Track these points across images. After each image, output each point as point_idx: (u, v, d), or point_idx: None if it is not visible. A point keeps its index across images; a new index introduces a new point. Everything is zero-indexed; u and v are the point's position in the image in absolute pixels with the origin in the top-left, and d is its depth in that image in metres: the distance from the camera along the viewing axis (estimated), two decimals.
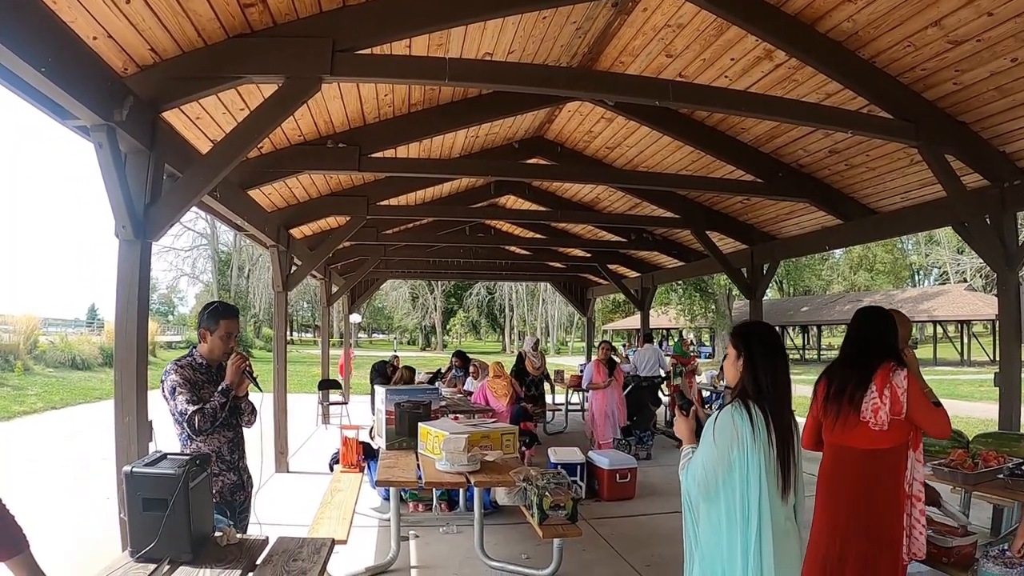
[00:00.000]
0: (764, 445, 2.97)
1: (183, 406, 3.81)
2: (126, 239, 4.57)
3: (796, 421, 3.11)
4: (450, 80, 5.08)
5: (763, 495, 2.95)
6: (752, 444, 2.97)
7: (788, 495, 3.01)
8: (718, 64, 6.83)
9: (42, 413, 17.38)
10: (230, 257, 61.18)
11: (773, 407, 3.03)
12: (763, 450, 2.97)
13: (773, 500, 2.97)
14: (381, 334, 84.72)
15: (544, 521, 5.35)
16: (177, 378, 3.88)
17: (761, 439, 2.97)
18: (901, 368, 3.60)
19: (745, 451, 2.98)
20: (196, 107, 5.79)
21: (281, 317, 10.74)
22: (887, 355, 3.67)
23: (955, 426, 7.94)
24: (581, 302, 22.85)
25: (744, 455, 2.98)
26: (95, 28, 4.14)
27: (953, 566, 4.45)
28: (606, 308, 63.25)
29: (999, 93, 5.96)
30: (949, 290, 43.94)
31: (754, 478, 2.96)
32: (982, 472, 5.14)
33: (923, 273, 68.36)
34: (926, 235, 56.45)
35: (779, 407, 3.04)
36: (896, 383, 3.54)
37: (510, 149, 10.37)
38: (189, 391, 3.86)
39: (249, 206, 8.18)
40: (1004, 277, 6.93)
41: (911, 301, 42.93)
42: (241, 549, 3.37)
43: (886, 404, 3.52)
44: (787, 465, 3.00)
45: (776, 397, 3.04)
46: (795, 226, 10.72)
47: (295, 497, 8.13)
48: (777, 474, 2.99)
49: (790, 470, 3.01)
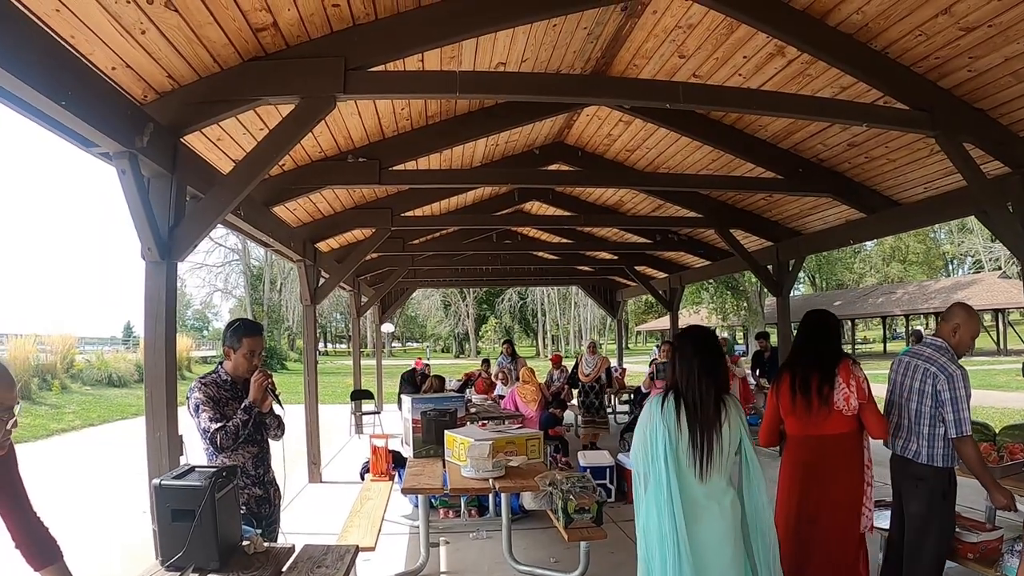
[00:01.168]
0: (673, 430, 3.43)
1: (206, 423, 3.89)
2: (152, 261, 4.65)
3: (732, 413, 3.49)
4: (461, 93, 5.17)
5: (672, 473, 3.36)
6: (661, 427, 3.43)
7: (706, 476, 3.39)
8: (731, 62, 6.83)
9: (80, 430, 17.66)
10: (262, 271, 61.63)
11: (693, 399, 3.45)
12: (672, 434, 3.42)
13: (685, 478, 3.39)
14: (415, 343, 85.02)
15: (569, 524, 5.39)
16: (201, 396, 3.96)
17: (670, 424, 3.43)
18: (857, 363, 4.41)
19: (657, 434, 3.44)
20: (217, 129, 5.91)
21: (310, 330, 10.86)
22: (841, 354, 4.46)
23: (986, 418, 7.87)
24: (611, 304, 22.88)
25: (656, 437, 3.43)
26: (113, 59, 4.26)
27: (978, 562, 4.44)
28: (638, 309, 63.15)
29: (1015, 78, 5.87)
30: (983, 278, 43.19)
31: (661, 456, 3.39)
32: (1008, 465, 5.10)
33: (956, 262, 67.40)
34: (958, 223, 55.61)
35: (700, 399, 3.44)
36: (857, 374, 4.31)
37: (531, 156, 10.40)
38: (212, 409, 3.94)
39: (274, 222, 8.30)
40: None
41: (945, 291, 42.31)
42: (268, 557, 3.47)
43: (853, 392, 4.26)
44: (703, 450, 3.40)
45: (698, 391, 3.45)
46: (819, 221, 10.66)
47: (327, 507, 8.21)
48: (691, 456, 3.40)
49: (706, 455, 3.39)
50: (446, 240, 15.14)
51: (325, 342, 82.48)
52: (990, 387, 21.82)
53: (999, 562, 4.26)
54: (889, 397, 4.66)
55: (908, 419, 4.43)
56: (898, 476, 4.57)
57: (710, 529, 3.38)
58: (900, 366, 4.59)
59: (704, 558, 3.33)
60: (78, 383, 24.91)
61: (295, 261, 10.10)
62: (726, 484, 3.46)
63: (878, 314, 47.70)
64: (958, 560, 4.52)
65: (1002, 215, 6.83)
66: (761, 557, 3.41)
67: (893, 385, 4.63)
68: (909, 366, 4.48)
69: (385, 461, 7.45)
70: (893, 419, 4.56)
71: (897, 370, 4.61)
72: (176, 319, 4.95)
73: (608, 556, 6.36)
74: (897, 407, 4.55)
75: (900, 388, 4.54)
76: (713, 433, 3.42)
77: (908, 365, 4.50)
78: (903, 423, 4.48)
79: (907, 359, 4.54)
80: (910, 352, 4.60)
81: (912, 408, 4.40)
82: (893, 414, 4.57)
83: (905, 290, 47.20)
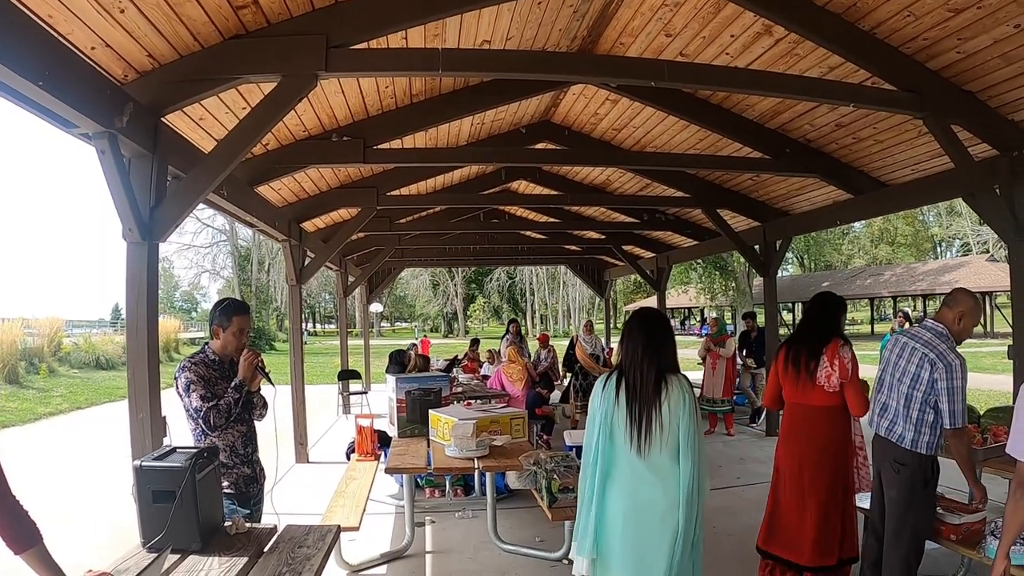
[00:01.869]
0: (611, 407, 3.60)
1: (197, 403, 3.89)
2: (133, 241, 4.64)
3: (673, 393, 3.51)
4: (444, 71, 5.12)
5: (600, 445, 3.57)
6: (600, 404, 3.64)
7: (645, 452, 3.48)
8: (718, 41, 6.78)
9: (68, 414, 17.58)
10: (250, 252, 61.38)
11: (634, 377, 3.58)
12: (609, 411, 3.60)
13: (622, 452, 3.55)
14: (404, 322, 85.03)
15: (553, 504, 5.40)
16: (191, 375, 3.95)
17: (608, 401, 3.61)
18: (848, 344, 4.67)
19: (596, 409, 3.65)
20: (199, 108, 5.86)
21: (296, 310, 10.83)
22: (834, 333, 4.74)
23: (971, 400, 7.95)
24: (599, 284, 22.90)
25: (595, 412, 3.66)
26: (92, 39, 4.20)
27: (961, 543, 4.44)
28: (627, 289, 63.16)
29: (1004, 60, 5.85)
30: (971, 261, 43.33)
31: (595, 430, 3.60)
32: (991, 447, 5.11)
33: (945, 245, 67.67)
34: (947, 206, 55.88)
35: (640, 379, 3.55)
36: (843, 355, 4.58)
37: (517, 134, 10.37)
38: (203, 387, 3.94)
39: (258, 202, 8.26)
40: (1015, 247, 6.81)
41: (932, 273, 42.51)
42: (249, 537, 3.48)
43: (836, 371, 4.55)
44: (640, 426, 3.50)
45: (640, 370, 3.57)
46: (806, 201, 10.66)
47: (313, 487, 8.21)
48: (629, 432, 3.52)
49: (644, 431, 3.49)
50: (433, 219, 15.14)
51: (314, 322, 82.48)
52: (976, 369, 21.90)
53: (982, 544, 4.25)
54: (880, 375, 4.66)
55: (896, 401, 4.40)
56: (879, 457, 4.56)
57: (651, 501, 3.48)
58: (896, 346, 4.51)
59: (649, 526, 3.46)
60: (66, 366, 24.84)
61: (280, 241, 10.04)
62: (671, 460, 3.49)
63: (866, 295, 47.83)
64: (941, 541, 4.53)
65: (989, 198, 6.84)
66: (682, 526, 3.42)
67: (886, 364, 4.58)
68: (906, 347, 4.41)
69: (371, 441, 7.43)
70: (881, 397, 4.56)
71: (892, 349, 4.54)
72: (158, 300, 4.94)
73: None
74: (887, 386, 4.52)
75: (893, 368, 4.48)
76: (652, 411, 3.50)
77: (905, 346, 4.42)
78: (891, 404, 4.45)
79: (905, 340, 4.47)
80: (908, 333, 4.52)
81: (903, 391, 4.35)
82: (881, 392, 4.57)
83: (893, 272, 47.31)
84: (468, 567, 5.91)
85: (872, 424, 4.64)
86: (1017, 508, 2.94)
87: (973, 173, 6.80)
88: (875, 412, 4.61)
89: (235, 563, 3.14)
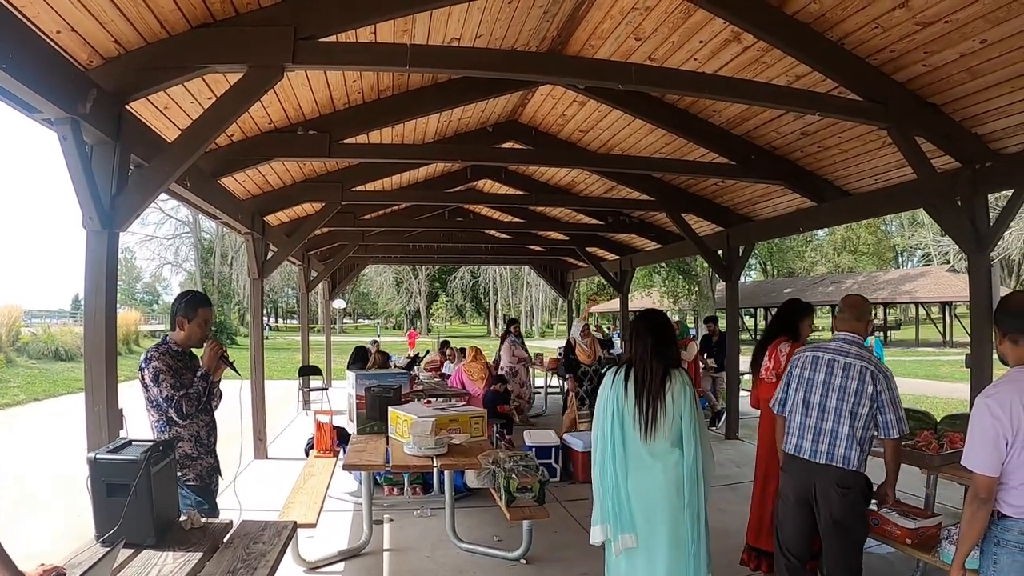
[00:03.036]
0: (620, 396, 4.07)
1: (168, 392, 3.92)
2: (93, 230, 4.59)
3: (676, 386, 4.05)
4: (411, 67, 5.08)
5: (616, 433, 4.02)
6: (612, 395, 4.09)
7: (649, 437, 3.98)
8: (687, 47, 6.82)
9: (25, 405, 17.33)
10: (213, 245, 60.79)
11: (643, 372, 4.06)
12: (619, 399, 4.06)
13: (630, 436, 4.02)
14: (366, 319, 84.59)
15: (512, 503, 5.41)
16: (160, 365, 3.99)
17: (619, 392, 4.08)
18: (788, 342, 5.04)
19: (608, 400, 4.10)
20: (164, 97, 5.78)
21: (257, 304, 10.72)
22: (779, 332, 5.13)
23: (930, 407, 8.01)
24: (562, 285, 22.94)
25: (607, 403, 4.09)
26: (58, 22, 4.12)
27: (916, 547, 4.50)
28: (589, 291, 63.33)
29: (969, 75, 5.94)
30: (931, 271, 44.00)
31: (609, 419, 4.05)
32: (948, 454, 5.18)
33: (906, 255, 68.63)
34: (909, 216, 56.65)
35: (649, 373, 4.04)
36: (781, 350, 4.93)
37: (484, 133, 10.36)
38: (173, 377, 3.98)
39: (221, 194, 8.17)
40: (975, 258, 6.95)
41: (893, 282, 43.14)
42: (205, 533, 3.44)
43: (771, 364, 4.97)
44: (647, 416, 3.99)
45: (649, 366, 4.06)
46: (770, 208, 10.74)
47: (272, 483, 8.12)
48: (637, 421, 4.01)
49: (650, 420, 3.98)
50: (398, 216, 15.05)
51: (276, 317, 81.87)
52: (934, 378, 22.33)
53: (937, 548, 4.32)
54: (796, 394, 4.40)
55: (838, 423, 4.14)
56: (803, 483, 4.27)
57: (653, 481, 3.95)
58: (820, 364, 4.28)
59: (652, 504, 3.94)
60: (23, 356, 24.49)
61: (243, 234, 9.95)
62: (670, 446, 4.00)
63: (827, 303, 48.35)
64: (897, 546, 4.59)
65: (951, 209, 6.96)
66: (687, 501, 3.95)
67: (808, 383, 4.33)
68: (837, 364, 4.21)
69: (330, 437, 7.39)
70: (809, 421, 4.27)
71: (813, 368, 4.31)
72: (117, 290, 4.88)
73: (552, 536, 6.38)
74: (819, 408, 4.25)
75: (826, 388, 4.24)
76: (658, 403, 4.00)
77: (834, 363, 4.22)
78: (828, 427, 4.18)
79: (829, 356, 4.27)
80: (825, 349, 4.33)
81: (847, 410, 4.12)
82: (809, 416, 4.28)
83: (855, 280, 47.87)
84: (426, 566, 5.88)
85: (797, 450, 4.32)
86: (974, 519, 2.98)
87: (935, 184, 6.91)
88: (800, 437, 4.32)
89: (190, 558, 3.11)
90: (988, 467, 2.93)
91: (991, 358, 6.87)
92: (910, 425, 5.98)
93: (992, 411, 2.91)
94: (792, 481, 4.35)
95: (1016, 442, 2.88)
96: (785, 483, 4.42)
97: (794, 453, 4.34)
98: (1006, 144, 6.74)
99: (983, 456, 2.94)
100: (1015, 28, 5.21)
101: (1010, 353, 3.05)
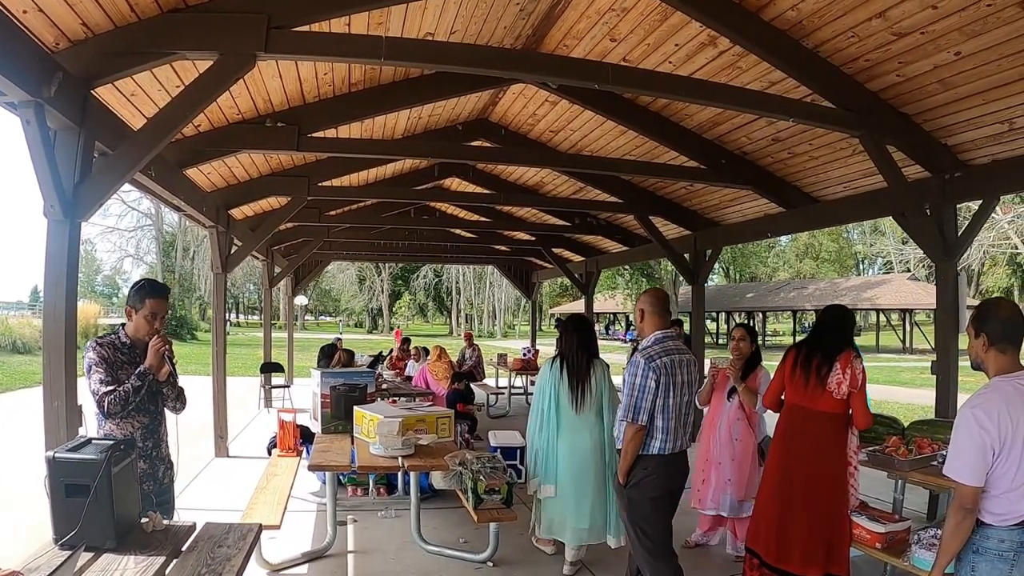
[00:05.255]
0: (556, 379, 5.67)
1: (95, 385, 3.66)
2: (55, 219, 4.45)
3: (597, 371, 5.73)
4: (386, 59, 5.01)
5: (553, 407, 5.66)
6: (549, 377, 5.72)
7: (579, 409, 5.58)
8: (662, 49, 6.82)
9: None
10: (175, 238, 60.03)
11: (573, 360, 5.67)
12: (556, 382, 5.66)
13: (564, 409, 5.63)
14: (328, 316, 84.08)
15: (479, 506, 5.35)
16: (95, 356, 3.73)
17: (556, 376, 5.68)
18: (860, 357, 4.69)
19: (548, 382, 5.72)
20: (131, 83, 5.65)
21: (220, 299, 10.51)
22: (848, 344, 4.73)
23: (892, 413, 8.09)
24: (526, 286, 22.91)
25: (547, 384, 5.73)
26: (24, 2, 3.99)
27: (887, 551, 4.53)
28: (553, 292, 63.54)
29: (942, 86, 6.00)
30: (892, 279, 44.81)
31: (548, 396, 5.69)
32: (916, 459, 5.20)
33: (868, 262, 69.67)
34: (871, 225, 57.62)
35: (576, 361, 5.66)
36: (856, 366, 4.60)
37: (454, 131, 10.31)
38: (105, 371, 3.71)
39: (186, 185, 8.02)
40: (942, 267, 7.05)
41: (855, 289, 43.83)
42: (167, 535, 3.30)
43: (847, 380, 4.56)
44: (576, 393, 5.58)
45: (576, 356, 5.67)
46: (738, 213, 10.80)
47: (233, 482, 7.99)
48: (570, 397, 5.59)
49: (578, 396, 5.58)
50: (363, 213, 14.97)
51: (238, 313, 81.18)
52: (896, 383, 22.74)
53: (907, 552, 4.34)
54: (664, 401, 4.31)
55: (684, 414, 4.42)
56: (670, 479, 4.40)
57: (583, 443, 5.58)
58: (673, 366, 4.32)
59: (583, 459, 5.56)
60: None
61: (207, 227, 9.78)
62: (595, 416, 5.63)
63: (789, 308, 48.97)
64: (866, 550, 4.62)
65: (919, 218, 7.02)
66: (608, 459, 5.60)
67: (667, 388, 4.31)
68: (676, 363, 4.34)
69: (293, 436, 7.27)
70: (666, 423, 4.31)
71: (668, 371, 4.29)
72: (78, 282, 4.74)
73: (518, 538, 6.32)
74: (677, 408, 4.35)
75: (685, 387, 4.40)
76: (584, 383, 5.61)
77: (682, 363, 4.39)
78: (672, 424, 4.31)
79: (674, 358, 4.35)
80: (664, 350, 4.36)
81: (685, 401, 4.38)
82: (669, 419, 4.32)
83: (817, 286, 48.57)
84: (391, 568, 5.79)
85: (652, 446, 4.34)
86: (959, 529, 2.97)
87: (905, 193, 6.98)
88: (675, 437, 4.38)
89: (152, 562, 2.98)
90: (973, 477, 2.92)
91: (956, 365, 6.95)
92: (879, 431, 6.09)
93: (980, 421, 2.89)
94: (660, 478, 4.36)
95: (1002, 452, 2.87)
96: (658, 484, 4.35)
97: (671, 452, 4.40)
98: (975, 155, 6.82)
99: (969, 466, 2.93)
100: (989, 41, 5.28)
101: (993, 362, 3.03)
